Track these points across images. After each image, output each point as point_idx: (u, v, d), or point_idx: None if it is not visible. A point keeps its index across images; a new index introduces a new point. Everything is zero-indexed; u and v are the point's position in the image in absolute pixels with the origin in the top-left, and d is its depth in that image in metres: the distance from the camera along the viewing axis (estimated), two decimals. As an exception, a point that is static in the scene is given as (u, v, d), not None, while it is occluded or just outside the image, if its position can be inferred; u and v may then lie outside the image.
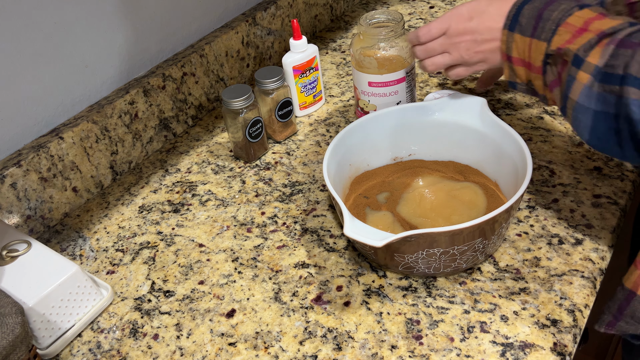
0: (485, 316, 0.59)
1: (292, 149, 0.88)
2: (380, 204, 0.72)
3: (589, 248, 0.65)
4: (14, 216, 0.74)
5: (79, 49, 0.80)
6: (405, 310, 0.61)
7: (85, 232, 0.79)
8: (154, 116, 0.90)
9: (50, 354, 0.63)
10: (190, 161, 0.89)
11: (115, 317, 0.66)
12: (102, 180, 0.85)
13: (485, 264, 0.65)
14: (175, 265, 0.71)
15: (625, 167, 0.74)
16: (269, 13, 1.05)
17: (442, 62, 0.68)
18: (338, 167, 0.70)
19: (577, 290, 0.60)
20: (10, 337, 0.52)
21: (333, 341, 0.59)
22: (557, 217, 0.69)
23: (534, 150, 0.79)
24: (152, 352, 0.62)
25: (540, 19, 0.55)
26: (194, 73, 0.94)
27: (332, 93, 1.00)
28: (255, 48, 1.04)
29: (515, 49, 0.59)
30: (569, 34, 0.52)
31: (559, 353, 0.55)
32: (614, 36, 0.49)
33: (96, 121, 0.81)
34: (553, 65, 0.55)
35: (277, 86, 0.84)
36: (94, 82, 0.84)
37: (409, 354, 0.57)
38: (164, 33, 0.92)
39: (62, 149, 0.78)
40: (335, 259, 0.68)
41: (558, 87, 0.54)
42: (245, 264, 0.70)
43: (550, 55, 0.54)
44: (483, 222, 0.55)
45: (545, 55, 0.55)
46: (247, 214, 0.77)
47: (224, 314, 0.64)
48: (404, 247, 0.58)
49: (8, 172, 0.72)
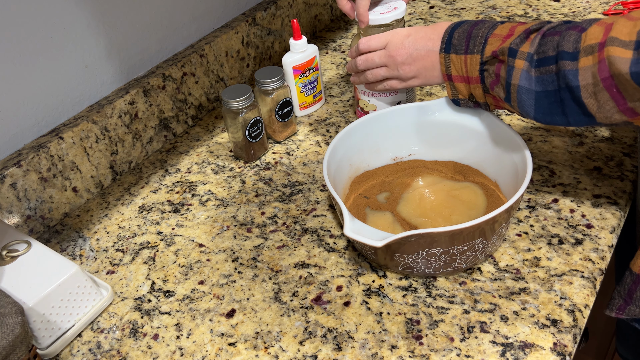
0: (485, 316, 0.59)
1: (292, 149, 0.88)
2: (380, 204, 0.72)
3: (589, 248, 0.65)
4: (14, 216, 0.74)
5: (79, 49, 0.80)
6: (405, 310, 0.61)
7: (85, 232, 0.79)
8: (154, 116, 0.90)
9: (50, 354, 0.63)
10: (190, 161, 0.89)
11: (115, 317, 0.66)
12: (102, 180, 0.85)
13: (485, 264, 0.65)
14: (175, 265, 0.71)
15: (625, 167, 0.74)
16: (269, 13, 1.05)
17: (380, 73, 0.74)
18: (338, 167, 0.70)
19: (577, 290, 0.60)
20: (10, 337, 0.52)
21: (333, 341, 0.59)
22: (557, 217, 0.69)
23: (534, 150, 0.79)
24: (152, 352, 0.62)
25: (470, 37, 0.64)
26: (194, 73, 0.94)
27: (332, 93, 1.00)
28: (255, 48, 1.04)
29: (453, 68, 0.66)
30: (499, 40, 0.61)
31: (559, 353, 0.55)
32: (539, 31, 0.58)
33: (96, 121, 0.81)
34: (489, 69, 0.62)
35: (277, 86, 0.84)
36: (94, 82, 0.84)
37: (409, 354, 0.57)
38: (164, 33, 0.92)
39: (62, 149, 0.78)
40: (335, 259, 0.68)
41: (498, 84, 0.61)
42: (245, 264, 0.70)
43: (485, 63, 0.62)
44: (483, 222, 0.55)
45: (480, 65, 0.62)
46: (247, 214, 0.77)
47: (224, 314, 0.64)
48: (404, 247, 0.58)
49: (8, 172, 0.72)
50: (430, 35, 0.68)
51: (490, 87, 0.63)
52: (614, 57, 0.50)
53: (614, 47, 0.50)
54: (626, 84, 0.50)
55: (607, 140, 0.79)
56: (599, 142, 0.79)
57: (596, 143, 0.79)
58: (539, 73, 0.56)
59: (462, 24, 0.66)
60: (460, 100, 0.68)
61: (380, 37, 0.72)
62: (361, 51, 0.74)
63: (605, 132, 0.81)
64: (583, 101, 0.54)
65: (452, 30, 0.66)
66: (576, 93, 0.54)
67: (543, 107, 0.57)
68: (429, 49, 0.67)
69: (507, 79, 0.59)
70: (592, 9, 1.10)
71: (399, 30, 0.71)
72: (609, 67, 0.50)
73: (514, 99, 0.59)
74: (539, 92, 0.57)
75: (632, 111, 0.52)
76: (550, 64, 0.55)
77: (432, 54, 0.67)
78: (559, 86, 0.55)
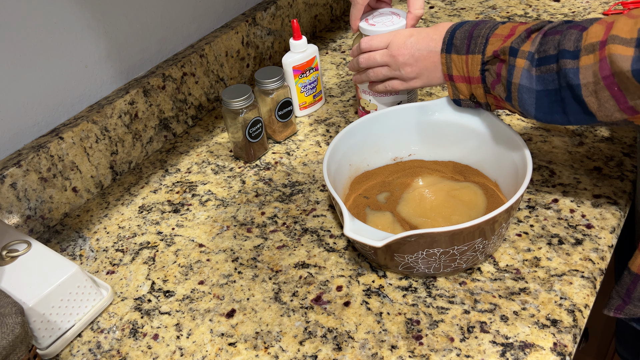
0: (485, 316, 0.59)
1: (292, 149, 0.88)
2: (380, 204, 0.72)
3: (589, 248, 0.65)
4: (14, 216, 0.74)
5: (79, 49, 0.80)
6: (405, 310, 0.61)
7: (85, 232, 0.79)
8: (154, 116, 0.90)
9: (50, 354, 0.63)
10: (190, 161, 0.89)
11: (115, 317, 0.66)
12: (102, 180, 0.85)
13: (485, 264, 0.65)
14: (175, 265, 0.71)
15: (625, 167, 0.74)
16: (269, 13, 1.05)
17: (382, 72, 0.74)
18: (338, 167, 0.70)
19: (577, 290, 0.60)
20: (10, 337, 0.52)
21: (333, 341, 0.59)
22: (557, 217, 0.69)
23: (534, 150, 0.79)
24: (152, 352, 0.62)
25: (472, 38, 0.64)
26: (194, 73, 0.94)
27: (332, 93, 1.00)
28: (255, 48, 1.04)
29: (454, 68, 0.66)
30: (500, 40, 0.61)
31: (559, 353, 0.55)
32: (540, 30, 0.58)
33: (96, 121, 0.81)
34: (490, 69, 0.62)
35: (277, 86, 0.84)
36: (94, 82, 0.84)
37: (409, 354, 0.57)
38: (164, 33, 0.92)
39: (62, 149, 0.78)
40: (335, 259, 0.68)
41: (499, 83, 0.61)
42: (245, 264, 0.70)
43: (487, 63, 0.62)
44: (483, 222, 0.55)
45: (482, 65, 0.63)
46: (247, 214, 0.77)
47: (224, 314, 0.64)
48: (404, 247, 0.58)
49: (8, 172, 0.72)
50: (432, 35, 0.68)
51: (491, 87, 0.63)
52: (615, 55, 0.50)
53: (615, 45, 0.50)
54: (627, 82, 0.50)
55: (607, 140, 0.79)
56: (599, 142, 0.79)
57: (596, 143, 0.79)
58: (539, 72, 0.57)
59: (463, 24, 0.66)
60: (461, 101, 0.69)
61: (382, 37, 0.72)
62: (362, 50, 0.74)
63: (605, 132, 0.81)
64: (584, 100, 0.54)
65: (453, 30, 0.66)
66: (577, 92, 0.54)
67: (544, 106, 0.58)
68: (431, 49, 0.68)
69: (508, 78, 0.59)
70: (592, 9, 1.10)
71: (402, 31, 0.71)
72: (610, 65, 0.51)
73: (515, 98, 0.60)
74: (539, 91, 0.57)
75: (632, 109, 0.52)
76: (551, 62, 0.56)
77: (433, 55, 0.68)
78: (559, 85, 0.55)
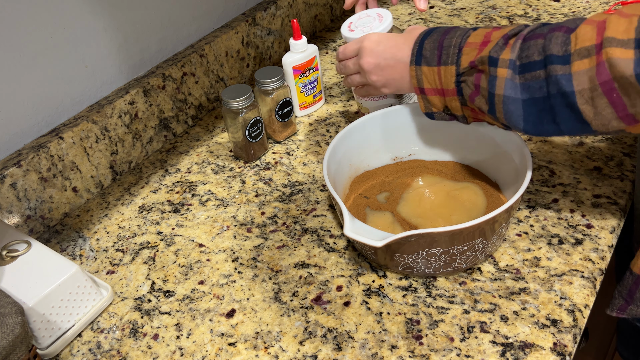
0: (485, 316, 0.59)
1: (292, 149, 0.88)
2: (380, 204, 0.72)
3: (589, 248, 0.65)
4: (14, 216, 0.74)
5: (79, 49, 0.80)
6: (405, 310, 0.61)
7: (85, 232, 0.79)
8: (154, 116, 0.90)
9: (50, 354, 0.63)
10: (190, 161, 0.89)
11: (115, 317, 0.66)
12: (102, 180, 0.85)
13: (485, 264, 0.65)
14: (175, 265, 0.71)
15: (625, 167, 0.74)
16: (269, 13, 1.05)
17: (356, 80, 0.72)
18: (338, 167, 0.70)
19: (577, 290, 0.60)
20: (10, 337, 0.52)
21: (333, 341, 0.59)
22: (557, 217, 0.69)
23: (534, 150, 0.79)
24: (152, 352, 0.62)
25: (442, 48, 0.60)
26: (194, 73, 0.94)
27: (332, 93, 1.00)
28: (255, 48, 1.04)
29: (425, 81, 0.62)
30: (475, 49, 0.57)
31: (559, 353, 0.55)
32: (517, 35, 0.55)
33: (96, 121, 0.81)
34: (467, 80, 0.59)
35: (277, 86, 0.84)
36: (94, 82, 0.84)
37: (409, 354, 0.57)
38: (164, 33, 0.92)
39: (62, 149, 0.78)
40: (335, 259, 0.68)
41: (479, 95, 0.58)
42: (245, 264, 0.70)
43: (462, 74, 0.59)
44: (483, 222, 0.55)
45: (457, 76, 0.59)
46: (247, 214, 0.77)
47: (224, 314, 0.64)
48: (404, 247, 0.58)
49: (8, 172, 0.72)
50: (401, 44, 0.65)
51: (469, 99, 0.60)
52: (615, 59, 0.47)
53: (612, 48, 0.47)
54: (629, 88, 0.47)
55: (607, 140, 0.79)
56: (599, 142, 0.79)
57: (596, 143, 0.79)
58: (523, 80, 0.53)
59: (431, 33, 0.62)
60: (434, 114, 0.65)
61: (353, 44, 0.70)
62: (338, 58, 0.73)
63: (605, 132, 0.81)
64: (579, 108, 0.51)
65: (422, 40, 0.62)
66: (571, 99, 0.51)
67: (532, 116, 0.54)
68: (398, 59, 0.64)
69: (489, 89, 0.56)
70: (592, 9, 1.10)
71: (371, 36, 0.68)
72: (610, 70, 0.47)
73: (500, 111, 0.56)
74: (526, 100, 0.54)
75: (631, 118, 0.49)
76: (536, 69, 0.52)
77: (400, 65, 0.64)
78: (548, 92, 0.52)
